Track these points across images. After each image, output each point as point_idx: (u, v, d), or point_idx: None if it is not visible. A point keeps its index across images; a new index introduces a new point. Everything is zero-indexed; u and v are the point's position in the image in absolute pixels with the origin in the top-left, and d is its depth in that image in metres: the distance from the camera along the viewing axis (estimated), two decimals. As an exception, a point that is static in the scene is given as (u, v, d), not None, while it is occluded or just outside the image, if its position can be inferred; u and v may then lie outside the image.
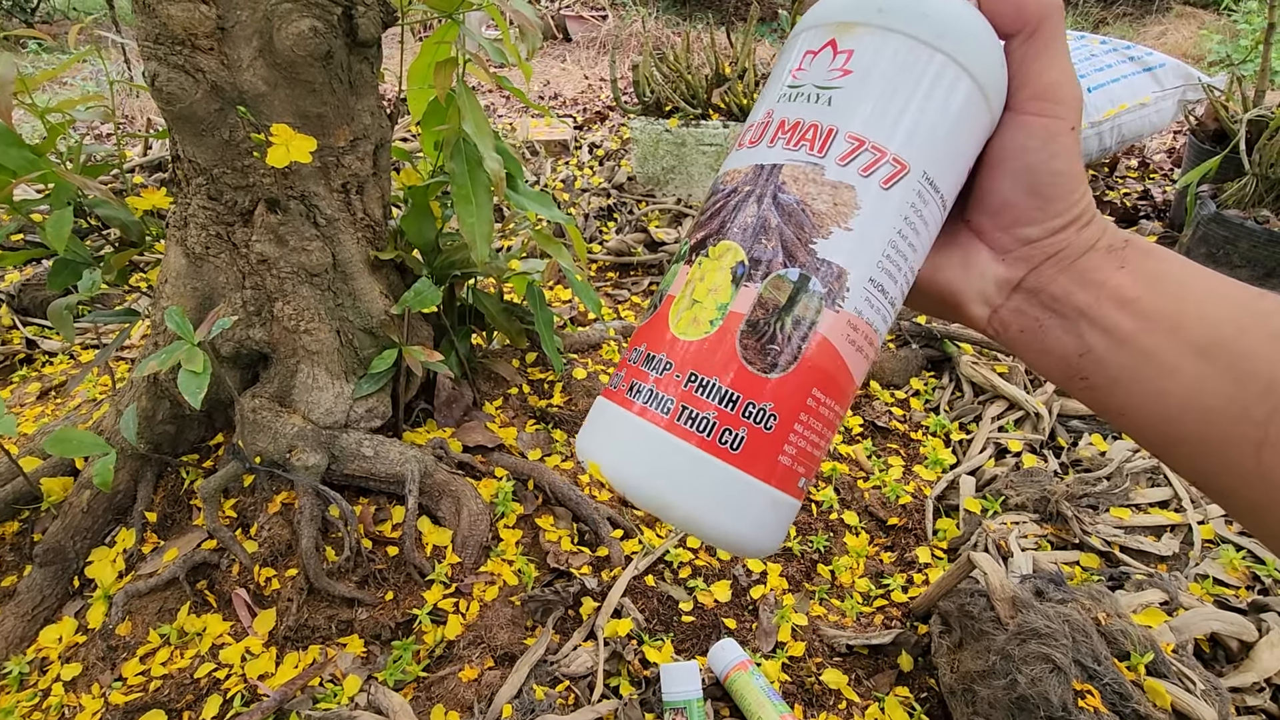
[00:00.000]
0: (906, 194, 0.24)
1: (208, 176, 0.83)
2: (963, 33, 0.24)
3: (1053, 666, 0.67)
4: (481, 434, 1.11)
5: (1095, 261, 0.26)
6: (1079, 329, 0.26)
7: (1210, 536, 1.01)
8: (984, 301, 0.28)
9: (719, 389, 0.23)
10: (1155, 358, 0.24)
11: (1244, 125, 1.63)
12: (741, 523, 0.24)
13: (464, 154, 0.91)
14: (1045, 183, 0.25)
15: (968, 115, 0.24)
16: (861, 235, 0.23)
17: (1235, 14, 4.19)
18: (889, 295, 0.25)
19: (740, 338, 0.23)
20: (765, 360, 0.23)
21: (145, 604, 0.91)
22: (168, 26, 0.72)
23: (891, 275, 0.24)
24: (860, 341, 0.24)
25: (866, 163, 0.24)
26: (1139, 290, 0.25)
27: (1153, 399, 0.24)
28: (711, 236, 0.25)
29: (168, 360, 0.77)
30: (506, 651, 0.86)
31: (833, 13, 0.26)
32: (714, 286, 0.24)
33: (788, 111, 0.25)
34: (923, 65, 0.24)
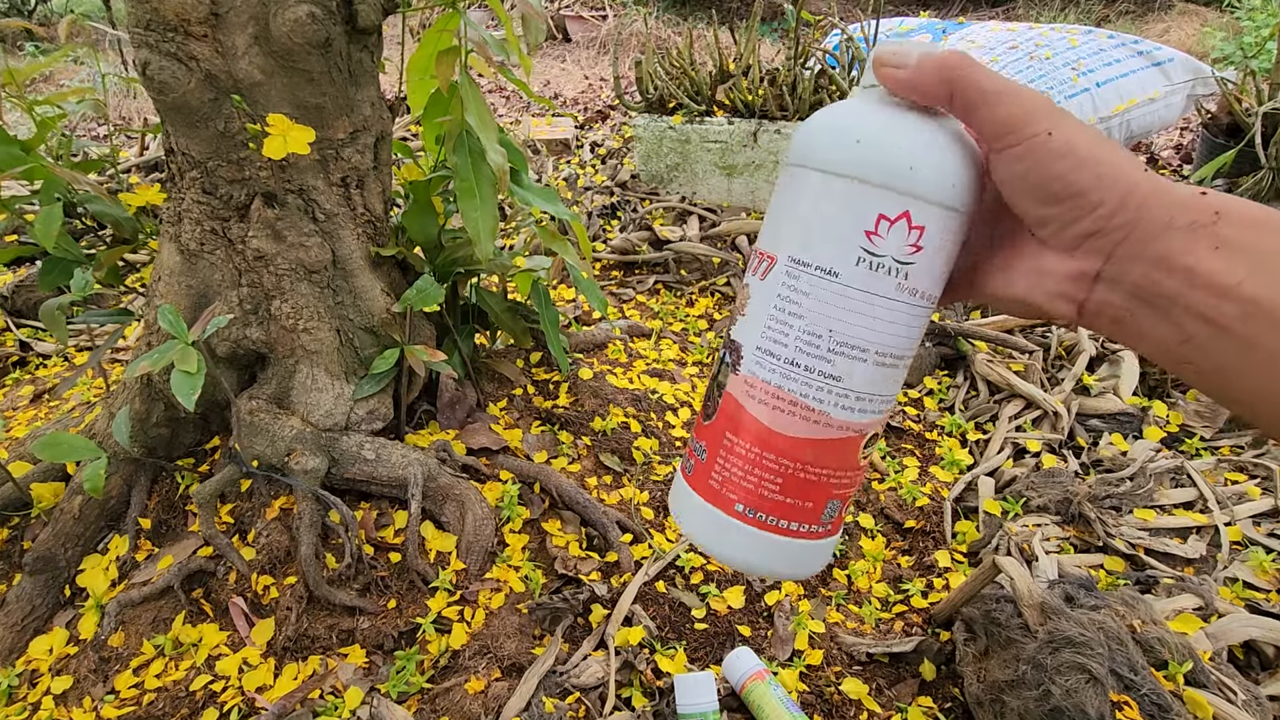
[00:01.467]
0: (778, 276, 0.29)
1: (202, 170, 0.80)
2: (804, 143, 0.30)
3: (1089, 677, 0.64)
4: (486, 436, 1.08)
5: (1179, 243, 0.24)
6: (1174, 317, 0.24)
7: (1238, 538, 0.98)
8: (1065, 299, 0.27)
9: (691, 438, 0.34)
10: (1263, 346, 0.22)
11: (1259, 119, 1.60)
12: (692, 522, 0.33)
13: (467, 147, 0.88)
14: (1060, 187, 0.26)
15: (815, 199, 0.29)
16: (750, 317, 0.30)
17: (1238, 11, 4.17)
18: (780, 356, 0.29)
19: (704, 401, 0.34)
20: (705, 411, 0.33)
21: (139, 614, 0.87)
22: (159, 12, 0.69)
23: (778, 340, 0.29)
24: (760, 395, 0.30)
25: (754, 265, 0.31)
26: (1240, 274, 0.23)
27: (1265, 386, 0.23)
28: None
29: (160, 361, 0.74)
30: (514, 662, 0.83)
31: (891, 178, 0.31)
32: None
33: None
34: (784, 179, 0.31)
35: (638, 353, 1.42)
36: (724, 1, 5.01)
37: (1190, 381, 0.25)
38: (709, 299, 1.70)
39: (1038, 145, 0.25)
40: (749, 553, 0.32)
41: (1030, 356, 1.32)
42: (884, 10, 4.26)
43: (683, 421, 1.24)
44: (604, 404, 1.19)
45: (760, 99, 1.84)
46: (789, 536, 0.31)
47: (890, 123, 0.28)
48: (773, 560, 0.32)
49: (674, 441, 1.19)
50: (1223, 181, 1.68)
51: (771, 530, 0.31)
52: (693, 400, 1.29)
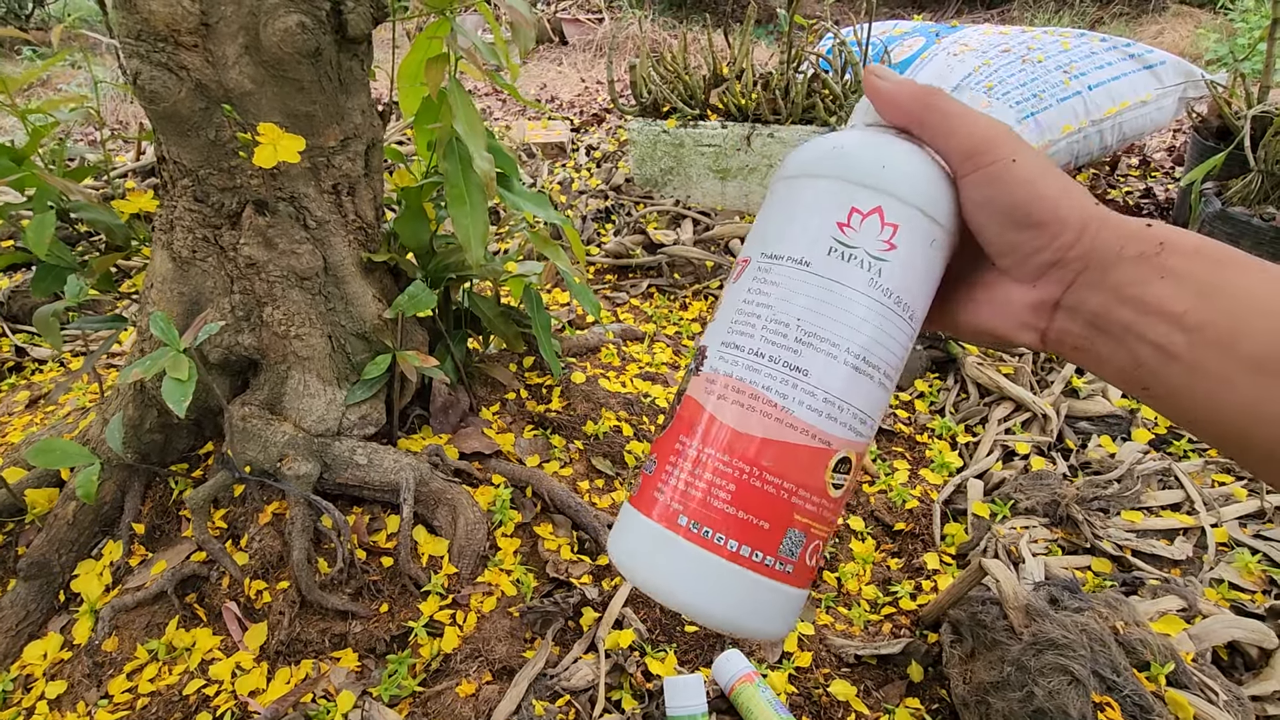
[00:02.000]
0: (749, 274, 0.30)
1: (194, 178, 0.80)
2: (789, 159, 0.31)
3: (1071, 678, 0.65)
4: (478, 440, 1.09)
5: (1129, 274, 0.25)
6: (1128, 344, 0.25)
7: (1224, 540, 0.99)
8: (1028, 328, 0.28)
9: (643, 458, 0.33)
10: (1211, 372, 0.23)
11: (1249, 122, 1.61)
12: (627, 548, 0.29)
13: (457, 153, 0.88)
14: (1023, 215, 0.26)
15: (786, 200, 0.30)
16: (718, 319, 0.30)
17: (1232, 13, 4.18)
18: (744, 348, 0.28)
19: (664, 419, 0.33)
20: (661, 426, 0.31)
21: (132, 618, 0.88)
22: (150, 23, 0.69)
23: (744, 332, 0.28)
24: (720, 389, 0.28)
25: (731, 271, 0.31)
26: (1185, 303, 0.24)
27: (1216, 411, 0.24)
28: None
29: (153, 367, 0.74)
30: (505, 665, 0.84)
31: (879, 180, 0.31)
32: None
33: None
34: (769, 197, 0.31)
35: (631, 356, 1.42)
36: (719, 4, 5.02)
37: (1147, 404, 0.26)
38: (702, 302, 1.70)
39: (1002, 171, 0.26)
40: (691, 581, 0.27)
41: (1020, 359, 1.33)
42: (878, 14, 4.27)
43: (675, 425, 1.24)
44: (596, 408, 1.20)
45: (754, 103, 1.85)
46: (739, 564, 0.27)
47: (870, 137, 0.29)
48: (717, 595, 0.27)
49: (666, 445, 1.19)
50: (1213, 184, 1.69)
51: (719, 552, 0.27)
52: (685, 403, 1.30)
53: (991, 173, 0.26)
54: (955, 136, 0.27)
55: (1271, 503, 1.03)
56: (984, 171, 0.27)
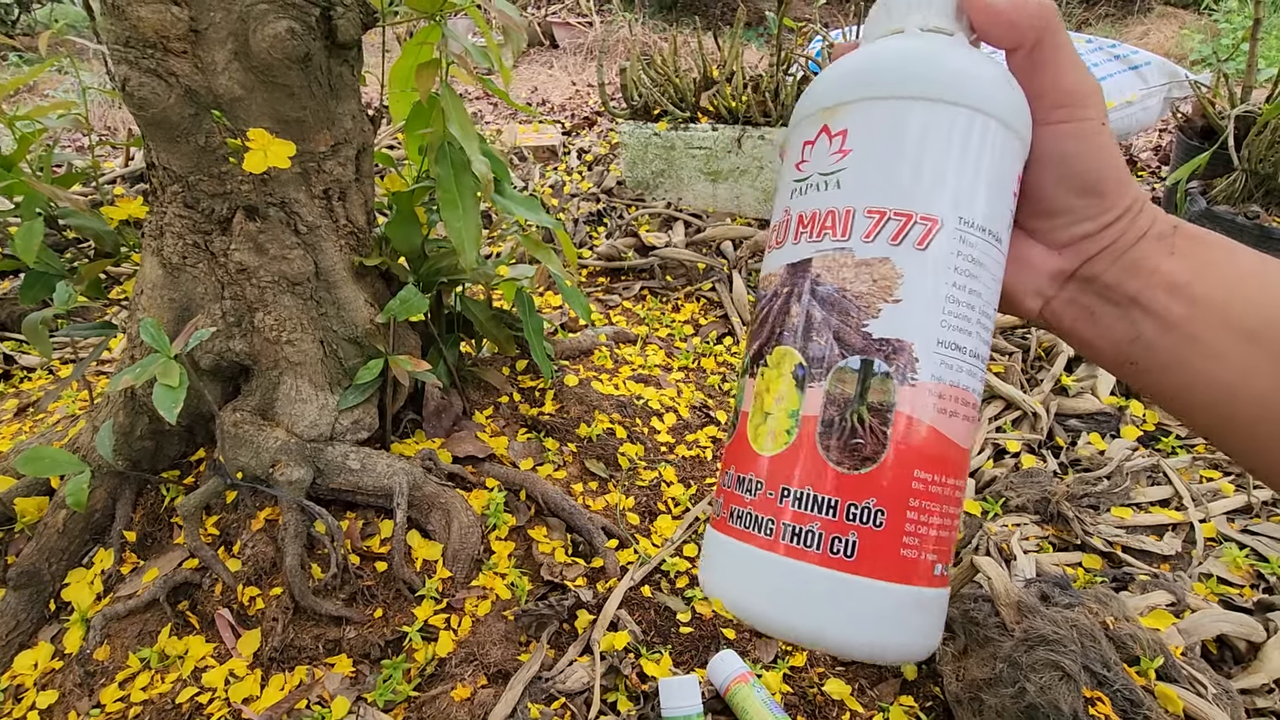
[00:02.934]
0: (948, 245, 0.23)
1: (183, 184, 0.80)
2: (944, 75, 0.24)
3: (1062, 674, 0.65)
4: (472, 444, 1.09)
5: (1146, 249, 0.26)
6: (1130, 316, 0.26)
7: (1212, 535, 1.00)
8: (1037, 295, 0.28)
9: (816, 498, 0.23)
10: (1203, 342, 0.24)
11: (1232, 121, 1.63)
12: (880, 630, 0.22)
13: (449, 158, 0.89)
14: (1094, 181, 0.25)
15: (981, 147, 0.24)
16: (913, 302, 0.23)
17: (1216, 13, 4.23)
18: (967, 349, 0.23)
19: (820, 440, 0.23)
20: (854, 457, 0.22)
21: (124, 627, 0.87)
22: (138, 29, 0.69)
23: (962, 329, 0.23)
24: (951, 406, 0.23)
25: (894, 231, 0.23)
26: (1189, 276, 0.25)
27: (1203, 384, 0.24)
28: (766, 345, 0.25)
29: (143, 374, 0.74)
30: (500, 669, 0.84)
31: (818, 100, 0.26)
32: (780, 395, 0.24)
33: (802, 206, 0.25)
34: (915, 118, 0.23)
35: (624, 359, 1.42)
36: (709, 8, 5.04)
37: (1134, 383, 0.27)
38: (694, 304, 1.71)
39: (1090, 132, 0.25)
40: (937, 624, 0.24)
41: (1010, 358, 1.34)
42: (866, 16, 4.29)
43: (668, 427, 1.24)
44: (589, 410, 1.20)
45: (744, 105, 1.86)
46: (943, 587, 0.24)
47: (990, 64, 0.25)
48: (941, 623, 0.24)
49: (659, 446, 1.20)
50: (1198, 183, 1.71)
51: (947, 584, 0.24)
52: (678, 405, 1.30)
53: (1084, 129, 0.25)
54: (1063, 76, 0.25)
55: (1259, 498, 1.04)
56: (1077, 125, 0.25)
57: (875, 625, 0.22)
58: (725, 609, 0.24)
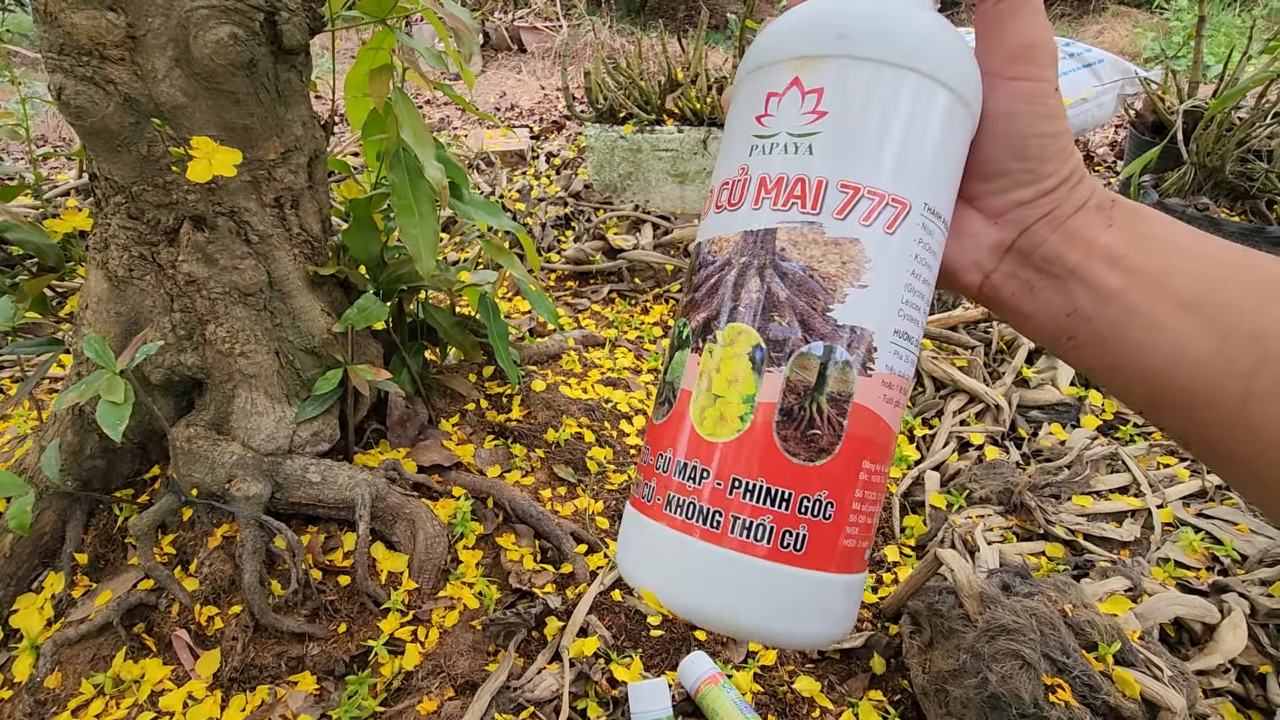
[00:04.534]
0: (911, 232, 0.22)
1: (126, 194, 0.78)
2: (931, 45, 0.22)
3: (1022, 663, 0.66)
4: (438, 453, 1.07)
5: (1085, 220, 0.26)
6: (1068, 288, 0.26)
7: (1169, 520, 1.02)
8: (976, 268, 0.27)
9: (769, 491, 0.22)
10: (1141, 313, 0.24)
11: (1180, 116, 1.67)
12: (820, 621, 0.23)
13: (404, 164, 0.87)
14: (1036, 145, 0.25)
15: (952, 128, 0.23)
16: (876, 289, 0.22)
17: (1167, 12, 4.36)
18: (913, 338, 0.23)
19: (777, 429, 0.22)
20: (810, 449, 0.22)
21: (76, 652, 0.85)
22: (72, 36, 0.67)
23: (913, 319, 0.23)
24: (896, 396, 0.23)
25: (866, 210, 0.22)
26: (1126, 247, 0.25)
27: (1139, 355, 0.24)
28: (716, 319, 0.23)
29: (88, 391, 0.72)
30: (468, 680, 0.83)
31: (789, 46, 0.23)
32: (734, 377, 0.22)
33: (766, 166, 0.23)
34: (899, 91, 0.22)
35: (592, 362, 1.42)
36: (675, 11, 5.06)
37: (1069, 358, 0.27)
38: (663, 306, 1.71)
39: (1042, 93, 0.24)
40: (858, 604, 0.24)
41: (972, 352, 1.36)
42: None
43: (637, 429, 1.24)
44: (557, 415, 1.19)
45: (709, 107, 1.87)
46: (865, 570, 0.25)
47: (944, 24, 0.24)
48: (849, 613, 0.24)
49: (628, 449, 1.19)
50: (1150, 177, 1.75)
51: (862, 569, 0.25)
52: (647, 407, 1.30)
53: (1037, 90, 0.24)
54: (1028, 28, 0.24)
55: (1212, 482, 1.07)
56: (1031, 84, 0.24)
57: (816, 615, 0.22)
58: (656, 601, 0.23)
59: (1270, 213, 1.56)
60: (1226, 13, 4.08)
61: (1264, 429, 0.22)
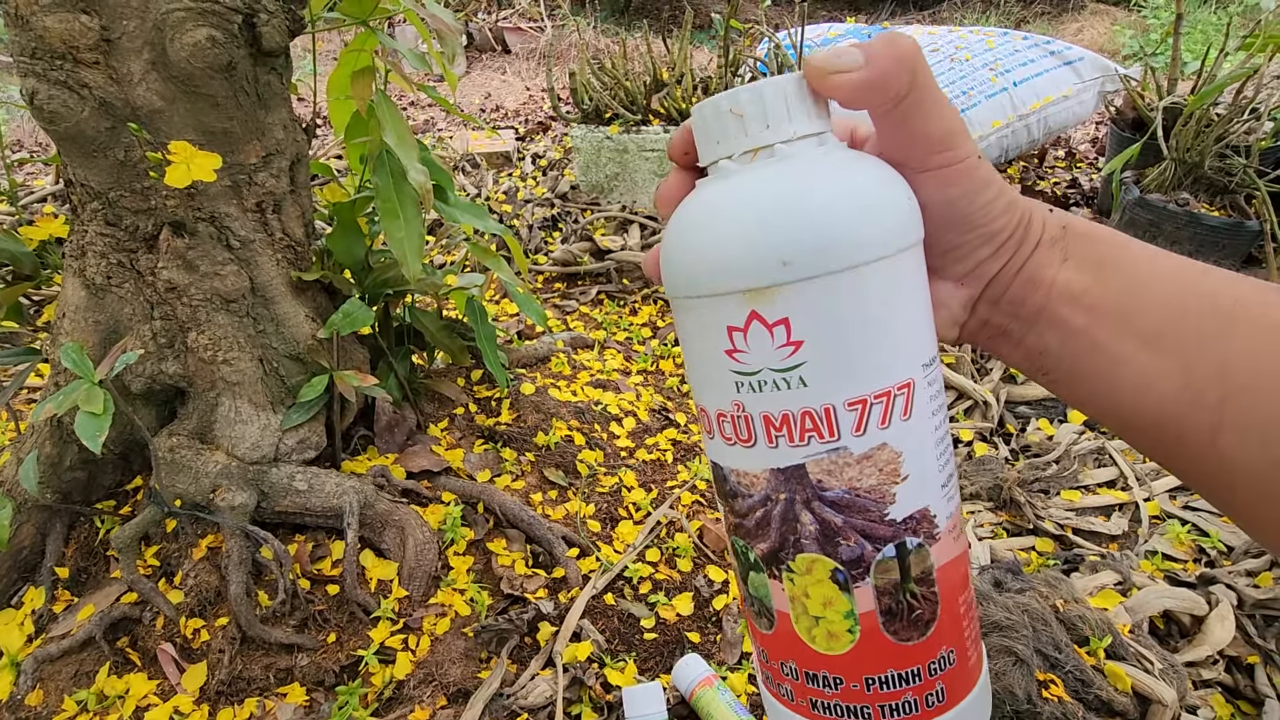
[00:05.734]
0: (923, 400, 0.23)
1: (104, 201, 0.76)
2: (872, 227, 0.22)
3: (1015, 659, 0.66)
4: (426, 458, 1.06)
5: (1041, 259, 0.26)
6: (1037, 329, 0.26)
7: (1156, 513, 1.03)
8: (953, 324, 0.28)
9: (900, 675, 0.24)
10: (1105, 350, 0.24)
11: (1160, 113, 1.69)
12: None
13: (387, 166, 0.86)
14: (981, 214, 0.25)
15: (917, 275, 0.24)
16: (916, 472, 0.23)
17: (1144, 9, 4.41)
18: (950, 472, 0.25)
19: (886, 629, 0.23)
20: (919, 627, 0.24)
21: (59, 668, 0.83)
22: (44, 39, 0.66)
23: (947, 456, 0.24)
24: (957, 529, 0.25)
25: (880, 414, 0.22)
26: (1086, 282, 0.25)
27: (1109, 390, 0.24)
28: (782, 551, 0.24)
29: (66, 402, 0.70)
30: (460, 687, 0.82)
31: (729, 279, 0.23)
32: (827, 600, 0.24)
33: (763, 405, 0.23)
34: (860, 290, 0.22)
35: (581, 364, 1.41)
36: (660, 11, 5.07)
37: (1051, 391, 0.27)
38: (652, 307, 1.71)
39: (969, 170, 0.25)
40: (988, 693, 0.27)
41: (960, 349, 1.37)
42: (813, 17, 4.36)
43: (627, 431, 1.24)
44: (547, 418, 1.19)
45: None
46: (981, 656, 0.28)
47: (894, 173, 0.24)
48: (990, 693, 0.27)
49: (619, 451, 1.19)
50: (1131, 173, 1.77)
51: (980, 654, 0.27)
52: (637, 409, 1.29)
53: (960, 171, 0.24)
54: (934, 119, 0.24)
55: (1197, 474, 1.08)
56: (954, 169, 0.24)
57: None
58: None
59: (1249, 207, 1.58)
60: (1202, 10, 4.14)
61: (1236, 461, 0.22)
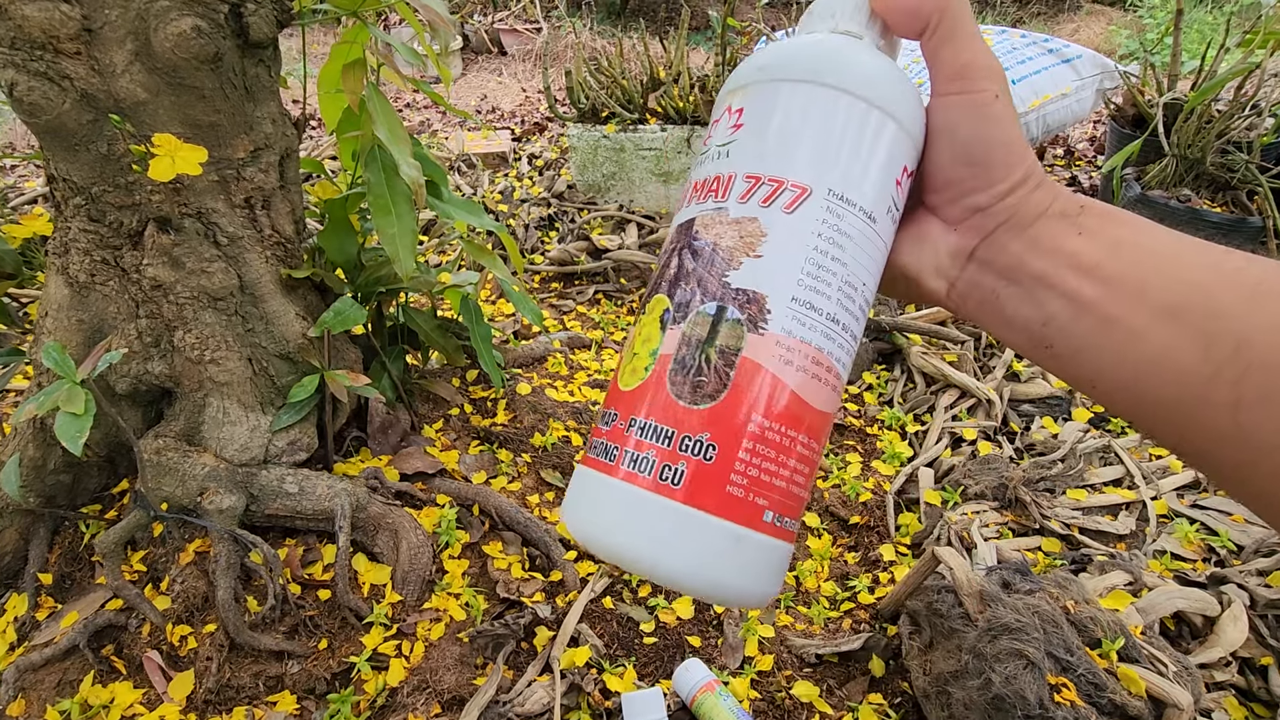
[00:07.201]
0: (813, 213, 0.25)
1: (86, 196, 0.74)
2: (830, 63, 0.26)
3: (1026, 662, 0.64)
4: (420, 459, 1.04)
5: (1049, 228, 0.25)
6: (1038, 297, 0.25)
7: (1164, 512, 1.02)
8: (939, 274, 0.27)
9: (655, 428, 0.24)
10: (1121, 323, 0.23)
11: (1160, 109, 1.68)
12: (704, 562, 0.24)
13: (379, 162, 0.85)
14: (982, 152, 0.25)
15: (859, 127, 0.25)
16: (773, 260, 0.24)
17: (1140, 9, 4.42)
18: (823, 311, 0.25)
19: (670, 376, 0.24)
20: (696, 393, 0.24)
21: (42, 677, 0.81)
22: (24, 29, 0.64)
23: (820, 291, 0.25)
24: (798, 360, 0.24)
25: (765, 194, 0.25)
26: (1099, 256, 0.24)
27: (1121, 365, 0.23)
28: (648, 295, 0.27)
29: (46, 403, 0.68)
30: (455, 695, 0.80)
31: (728, 85, 0.29)
32: (647, 337, 0.26)
33: (700, 174, 0.28)
34: (799, 98, 0.26)
35: (579, 364, 1.39)
36: (655, 12, 5.06)
37: (1048, 366, 0.26)
38: (650, 306, 1.69)
39: (982, 102, 0.25)
40: (767, 574, 0.25)
41: (962, 347, 1.35)
42: (812, 16, 4.35)
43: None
44: (544, 419, 1.17)
45: (692, 105, 1.85)
46: (786, 540, 0.25)
47: (889, 66, 0.26)
48: (776, 577, 0.25)
49: (617, 453, 1.17)
50: (1132, 169, 1.76)
51: (783, 536, 0.25)
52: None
53: (975, 100, 0.25)
54: (960, 51, 0.26)
55: (1205, 472, 1.06)
56: (969, 97, 0.25)
57: (697, 555, 0.23)
58: (569, 533, 0.26)
59: (1251, 204, 1.57)
60: (1198, 9, 4.14)
61: (1257, 437, 0.21)
